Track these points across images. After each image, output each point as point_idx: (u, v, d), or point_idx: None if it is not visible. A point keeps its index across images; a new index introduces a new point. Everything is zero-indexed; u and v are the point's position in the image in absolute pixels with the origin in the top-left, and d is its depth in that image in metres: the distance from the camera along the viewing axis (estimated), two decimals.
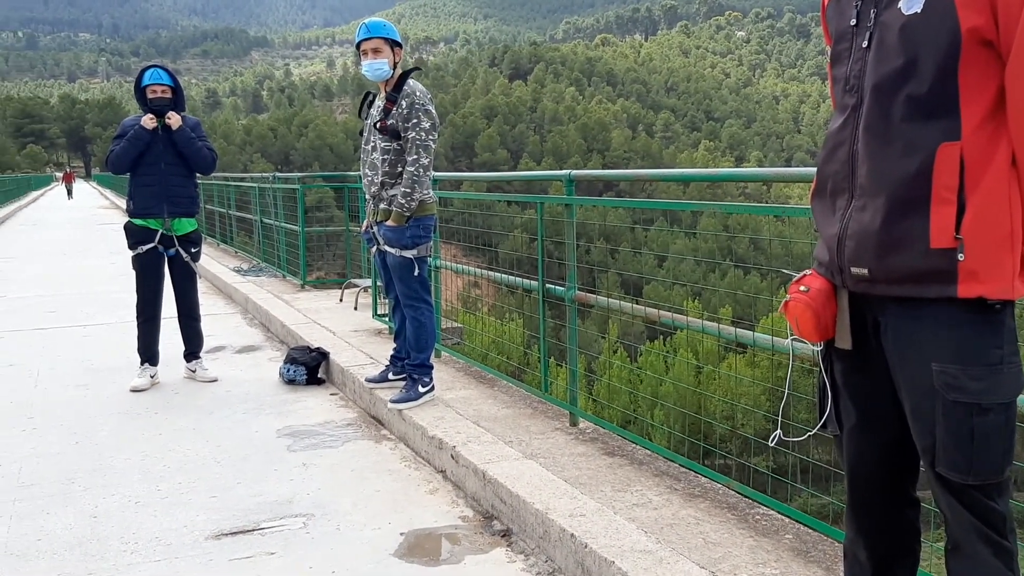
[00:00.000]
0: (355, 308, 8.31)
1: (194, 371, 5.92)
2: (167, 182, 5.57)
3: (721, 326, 3.83)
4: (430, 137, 4.57)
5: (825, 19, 1.85)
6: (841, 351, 1.77)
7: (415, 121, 4.54)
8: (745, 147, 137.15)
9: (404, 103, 4.57)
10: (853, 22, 1.70)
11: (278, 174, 11.54)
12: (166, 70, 5.67)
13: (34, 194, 54.99)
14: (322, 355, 5.84)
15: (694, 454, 3.97)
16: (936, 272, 1.55)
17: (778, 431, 1.99)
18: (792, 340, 1.94)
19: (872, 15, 1.66)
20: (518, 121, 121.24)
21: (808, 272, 1.81)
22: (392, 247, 4.65)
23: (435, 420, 4.33)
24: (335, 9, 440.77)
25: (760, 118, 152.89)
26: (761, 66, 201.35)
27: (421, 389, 4.67)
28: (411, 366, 4.72)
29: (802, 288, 1.77)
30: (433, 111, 4.62)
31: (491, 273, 5.39)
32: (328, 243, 13.67)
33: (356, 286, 8.84)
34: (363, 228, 5.07)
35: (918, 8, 1.56)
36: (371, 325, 7.32)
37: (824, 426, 1.83)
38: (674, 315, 4.00)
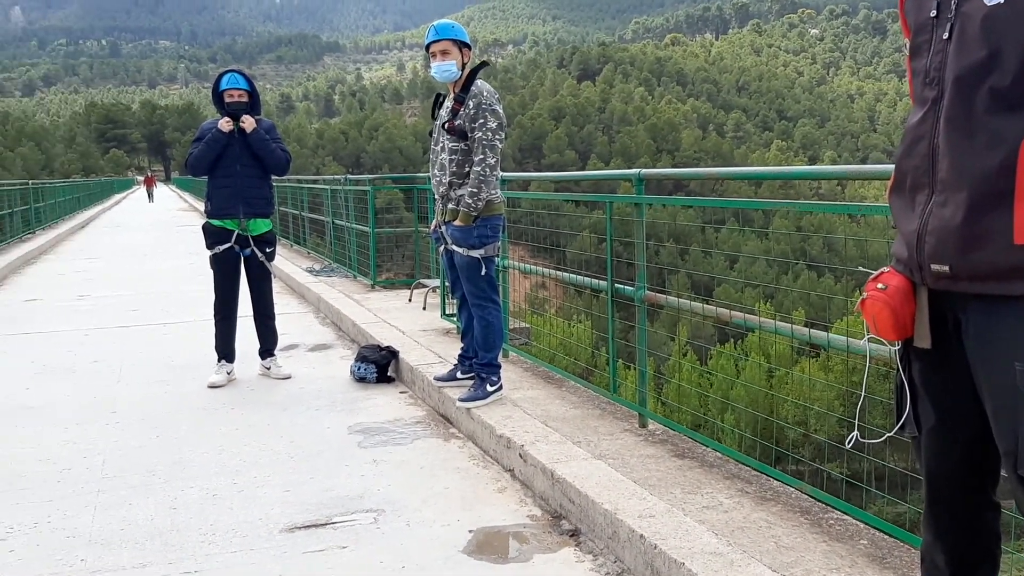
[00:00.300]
0: (424, 308, 8.39)
1: (268, 368, 6.05)
2: (243, 184, 5.71)
3: (795, 327, 3.78)
4: (496, 137, 4.59)
5: (903, 11, 1.81)
6: (920, 350, 1.72)
7: (482, 121, 4.57)
8: (819, 147, 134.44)
9: (471, 103, 4.60)
10: (933, 13, 1.66)
11: (350, 176, 11.72)
12: (243, 74, 5.82)
13: (116, 197, 56.94)
14: (392, 354, 5.92)
15: (766, 458, 3.92)
16: (1020, 269, 1.50)
17: (855, 433, 1.95)
18: (868, 340, 1.90)
19: (953, 6, 1.62)
20: (586, 122, 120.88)
21: (886, 269, 1.77)
22: (459, 246, 4.69)
23: (503, 419, 4.35)
24: (405, 13, 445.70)
25: (834, 117, 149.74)
26: (835, 64, 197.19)
27: (489, 388, 4.70)
28: (479, 365, 4.76)
29: (880, 286, 1.74)
30: (500, 111, 4.64)
31: (559, 273, 5.39)
32: (397, 244, 13.84)
33: (425, 286, 8.92)
34: (432, 228, 5.12)
35: None
36: (439, 325, 7.38)
37: (902, 428, 1.79)
38: (746, 316, 3.95)
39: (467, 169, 4.64)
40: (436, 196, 4.92)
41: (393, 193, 25.51)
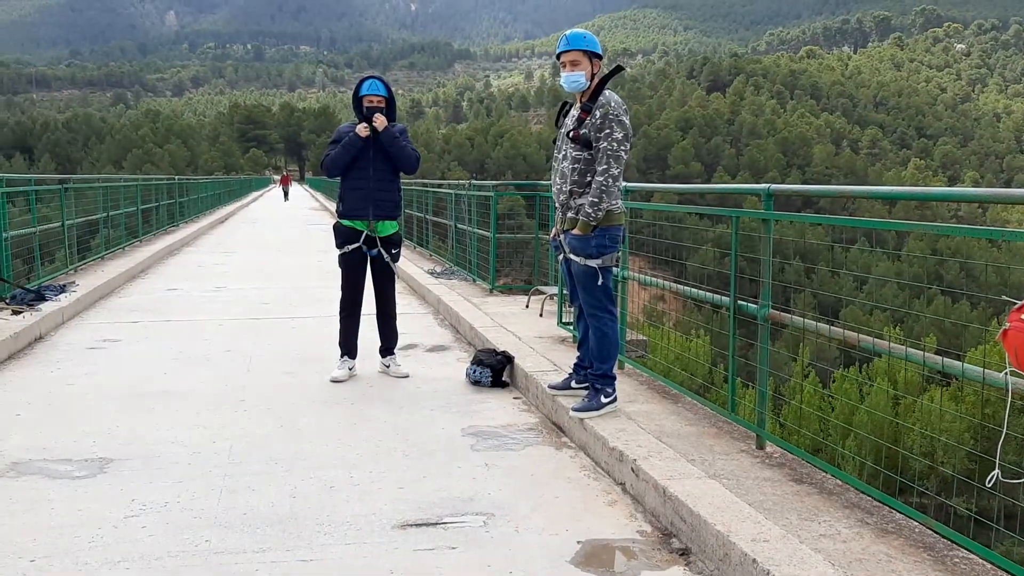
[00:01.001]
0: (540, 315, 8.42)
1: (388, 366, 6.20)
2: (374, 187, 5.88)
3: (926, 355, 3.61)
4: (622, 148, 4.56)
5: None
6: None
7: (607, 131, 4.55)
8: (959, 167, 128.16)
9: (598, 113, 4.59)
10: None
11: (474, 181, 11.90)
12: (383, 81, 6.00)
13: (254, 194, 59.47)
14: (507, 359, 5.96)
15: (888, 488, 3.76)
16: None
17: (995, 472, 1.85)
18: (1009, 372, 1.80)
19: None
20: (714, 134, 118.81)
21: None
22: (577, 256, 4.69)
23: (616, 432, 4.32)
24: (536, 22, 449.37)
25: (978, 136, 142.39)
26: (982, 81, 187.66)
27: (603, 400, 4.67)
28: (593, 376, 4.74)
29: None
30: (627, 122, 4.61)
31: (680, 287, 5.32)
32: (516, 250, 13.94)
33: (542, 293, 8.95)
34: (551, 236, 5.13)
35: None
36: (555, 332, 7.40)
37: None
38: (874, 340, 3.80)
39: (589, 178, 4.63)
40: (556, 204, 4.93)
41: (515, 199, 25.78)
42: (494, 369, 5.85)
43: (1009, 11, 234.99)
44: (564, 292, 7.31)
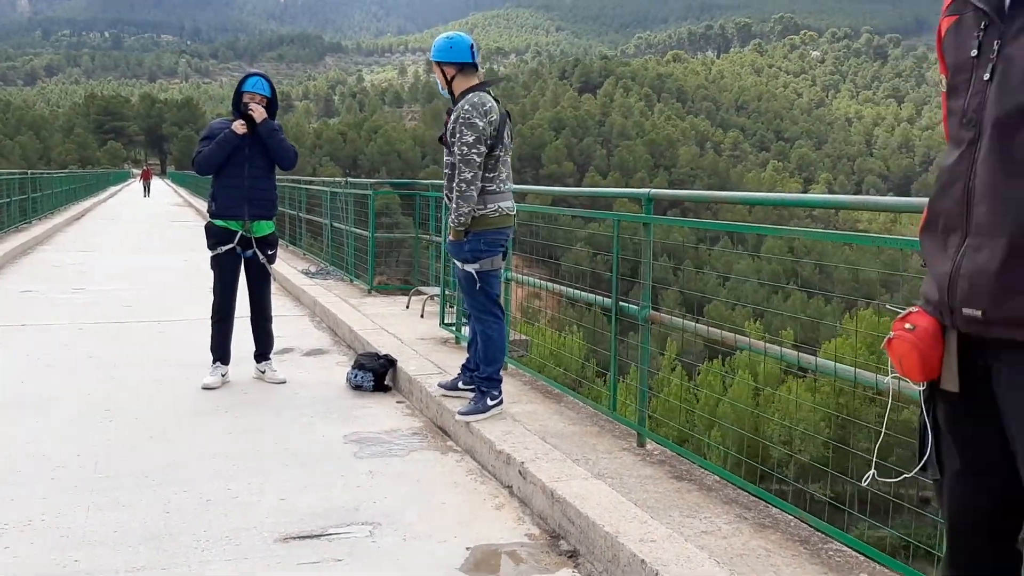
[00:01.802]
0: (421, 316, 8.35)
1: (263, 372, 6.00)
2: (250, 184, 5.69)
3: (784, 349, 3.77)
4: (473, 151, 4.48)
5: (941, 48, 1.78)
6: (946, 393, 1.70)
7: (459, 135, 4.52)
8: (814, 168, 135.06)
9: (453, 116, 4.59)
10: (974, 53, 1.64)
11: (351, 179, 11.69)
12: (268, 80, 5.80)
13: (112, 189, 56.72)
14: (390, 362, 5.87)
15: (751, 476, 3.91)
16: None
17: (872, 471, 1.92)
18: (892, 377, 1.87)
19: (996, 47, 1.59)
20: (586, 134, 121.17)
21: (914, 309, 1.74)
22: (455, 260, 4.70)
23: (503, 434, 4.31)
24: (409, 17, 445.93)
25: (832, 140, 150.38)
26: (835, 87, 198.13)
27: (489, 402, 4.66)
28: (480, 379, 4.72)
29: (907, 326, 1.71)
30: (479, 123, 4.49)
31: (564, 288, 5.36)
32: (393, 249, 13.77)
33: (423, 294, 8.89)
34: None
35: None
36: (438, 334, 7.34)
37: (924, 469, 1.76)
38: (751, 340, 3.92)
39: (455, 183, 4.62)
40: None
41: (390, 197, 25.52)
42: (376, 373, 5.74)
43: (860, 21, 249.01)
44: (447, 292, 7.28)
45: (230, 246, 5.71)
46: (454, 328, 7.11)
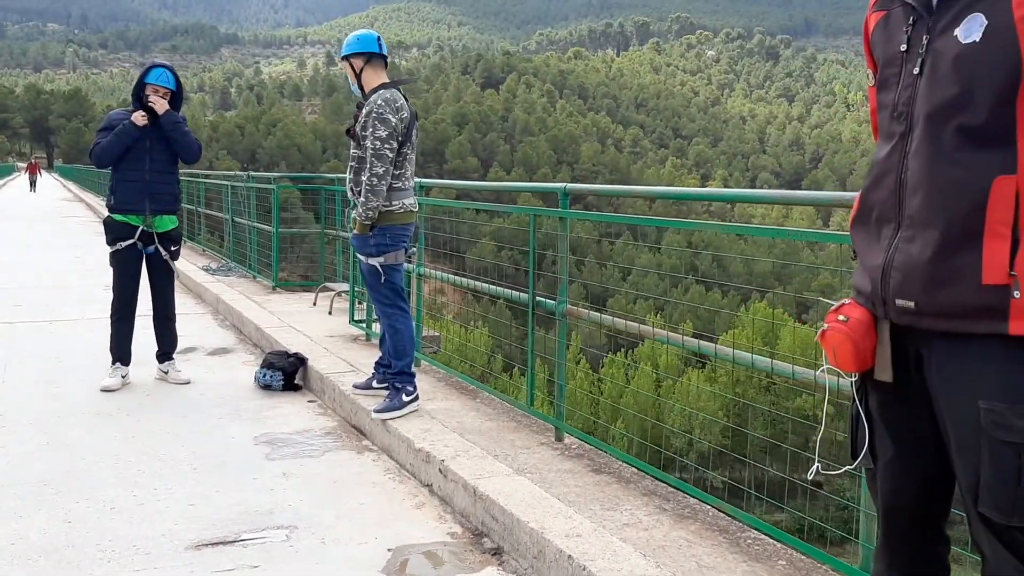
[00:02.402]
0: (330, 312, 8.19)
1: (166, 372, 5.77)
2: (152, 179, 5.46)
3: (685, 338, 3.84)
4: (386, 146, 4.44)
5: (869, 43, 1.81)
6: (879, 383, 1.72)
7: (371, 130, 4.45)
8: (711, 165, 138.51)
9: (365, 111, 4.53)
10: (903, 48, 1.66)
11: (252, 173, 11.38)
12: (173, 73, 5.53)
13: None
14: (300, 360, 5.72)
15: (655, 461, 3.99)
16: (987, 308, 1.51)
17: (816, 464, 1.94)
18: (825, 370, 1.90)
19: (924, 41, 1.62)
20: (489, 130, 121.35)
21: (847, 301, 1.76)
22: (360, 254, 4.63)
23: (421, 432, 4.24)
24: (308, 9, 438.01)
25: (727, 137, 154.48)
26: (730, 86, 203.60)
27: (404, 398, 4.58)
28: (392, 374, 4.64)
29: (840, 318, 1.73)
30: (391, 119, 4.45)
31: (480, 284, 5.31)
32: (294, 245, 13.49)
33: (330, 290, 8.73)
34: None
35: (976, 37, 1.53)
36: (347, 331, 7.21)
37: (856, 458, 1.79)
38: (668, 333, 3.96)
39: (363, 177, 4.54)
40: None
41: (291, 191, 25.01)
42: (286, 372, 5.59)
43: (753, 22, 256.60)
44: (356, 289, 7.15)
45: (131, 241, 5.47)
46: (364, 325, 6.99)
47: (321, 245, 10.07)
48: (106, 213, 5.61)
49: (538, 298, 4.65)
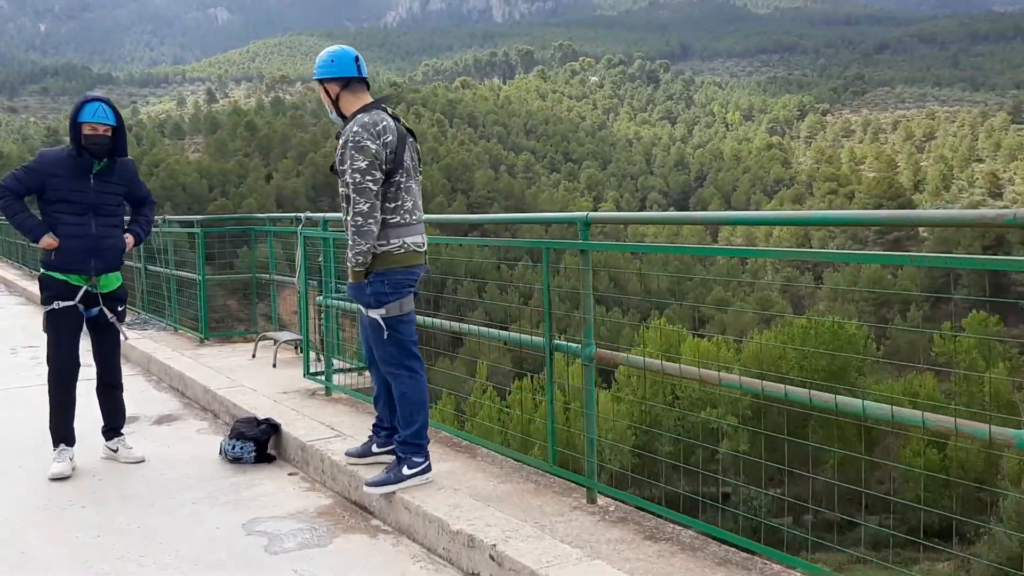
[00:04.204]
0: (274, 365, 7.49)
1: (116, 450, 5.01)
2: (99, 233, 4.76)
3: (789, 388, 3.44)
4: (367, 179, 3.85)
5: None
6: None
7: (349, 161, 3.88)
8: (602, 187, 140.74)
9: (340, 141, 3.97)
10: None
11: (169, 217, 10.52)
12: (111, 106, 4.78)
13: None
14: (272, 427, 5.05)
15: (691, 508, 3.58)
16: None
17: None
18: None
19: None
20: None
21: None
22: (359, 305, 4.05)
23: (450, 509, 3.67)
24: (185, 46, 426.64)
25: (615, 160, 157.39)
26: (614, 110, 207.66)
27: (406, 471, 3.97)
28: (399, 443, 4.05)
29: None
30: (371, 146, 3.86)
31: (491, 331, 4.77)
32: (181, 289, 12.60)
33: (271, 339, 8.03)
34: None
35: None
36: (301, 385, 6.55)
37: None
38: (741, 379, 3.53)
39: (347, 216, 3.98)
40: None
41: (178, 235, 23.64)
42: (257, 442, 4.91)
43: (632, 48, 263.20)
44: (318, 338, 6.50)
45: (71, 303, 4.72)
46: (323, 378, 6.35)
47: (253, 291, 9.32)
48: (40, 269, 4.84)
49: (557, 341, 4.18)
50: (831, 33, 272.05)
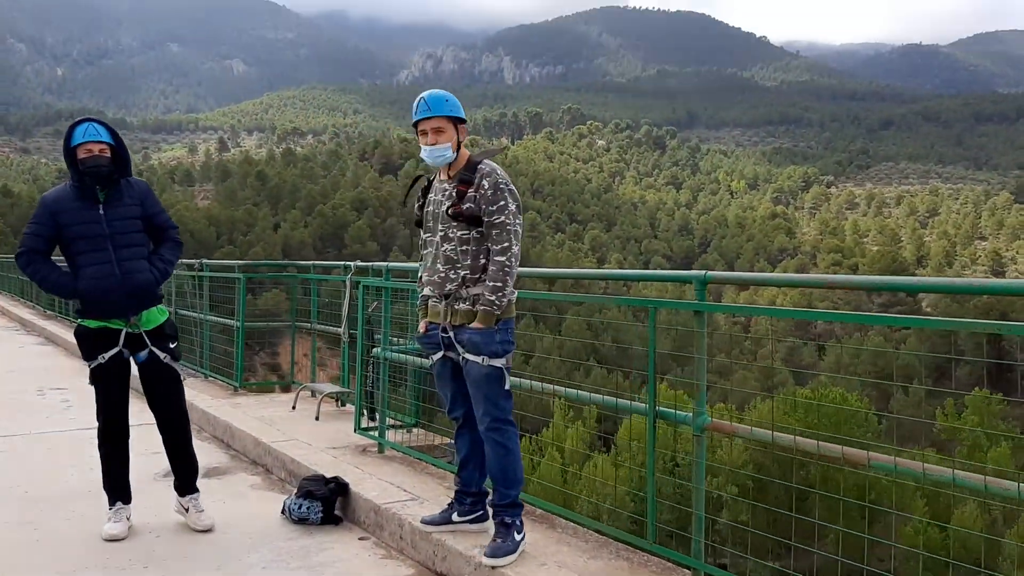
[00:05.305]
0: (317, 418, 7.19)
1: (187, 510, 4.58)
2: (124, 268, 4.33)
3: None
4: (518, 222, 3.83)
5: None
6: None
7: (502, 203, 3.77)
8: (606, 249, 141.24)
9: (486, 183, 3.80)
10: None
11: (206, 261, 10.29)
12: (103, 124, 4.43)
13: None
14: (341, 487, 4.74)
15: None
16: None
17: None
18: None
19: None
20: (389, 215, 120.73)
21: None
22: (478, 354, 3.77)
23: None
24: (200, 96, 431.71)
25: (620, 222, 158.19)
26: (620, 173, 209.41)
27: (517, 537, 3.74)
28: (502, 507, 3.77)
29: None
30: (516, 193, 3.87)
31: (590, 396, 4.50)
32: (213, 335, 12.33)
33: (312, 391, 7.75)
34: (421, 330, 4.06)
35: None
36: (351, 440, 6.25)
37: None
38: (899, 461, 3.24)
39: (483, 261, 3.78)
40: (431, 293, 3.96)
41: (181, 278, 23.35)
42: (326, 501, 4.60)
43: (639, 114, 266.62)
44: (370, 391, 6.21)
45: (116, 350, 4.35)
46: (376, 434, 6.05)
47: (292, 340, 9.04)
48: (76, 320, 4.48)
49: (664, 410, 3.90)
50: (837, 108, 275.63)
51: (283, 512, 4.68)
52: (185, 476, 4.63)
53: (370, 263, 7.61)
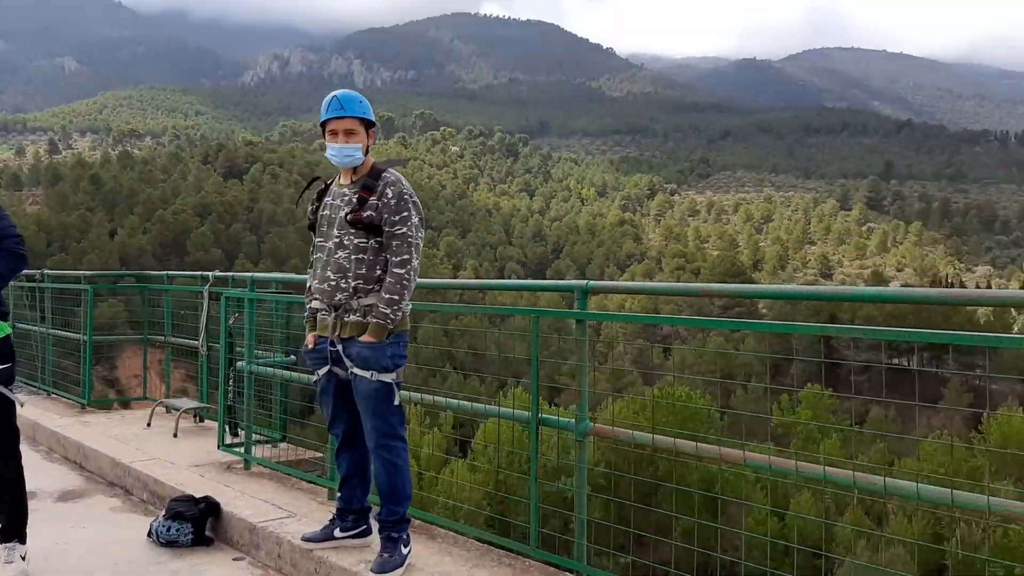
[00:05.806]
0: (175, 435, 6.90)
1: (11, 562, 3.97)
2: None
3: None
4: (419, 235, 3.77)
5: None
6: None
7: (406, 215, 3.70)
8: (462, 256, 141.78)
9: (390, 192, 3.71)
10: None
11: (48, 271, 9.65)
12: None
13: None
14: (211, 506, 4.56)
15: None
16: None
17: None
18: None
19: None
20: (234, 221, 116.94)
21: None
22: (367, 369, 3.69)
23: None
24: (28, 95, 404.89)
25: (475, 229, 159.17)
26: (475, 180, 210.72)
27: (404, 551, 3.70)
28: (389, 522, 3.73)
29: None
30: (420, 206, 3.80)
31: (461, 403, 4.50)
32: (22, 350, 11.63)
33: (168, 407, 7.43)
34: (309, 344, 3.94)
35: None
36: (215, 458, 6.03)
37: None
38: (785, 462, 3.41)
39: (379, 272, 3.71)
40: (319, 304, 3.85)
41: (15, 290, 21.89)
42: (196, 522, 4.42)
43: (492, 120, 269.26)
44: (250, 409, 6.00)
45: None
46: (240, 450, 5.86)
47: (144, 354, 8.62)
48: None
49: (546, 416, 3.97)
50: (679, 119, 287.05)
51: (149, 535, 4.47)
52: (9, 519, 4.02)
53: (231, 273, 7.37)
